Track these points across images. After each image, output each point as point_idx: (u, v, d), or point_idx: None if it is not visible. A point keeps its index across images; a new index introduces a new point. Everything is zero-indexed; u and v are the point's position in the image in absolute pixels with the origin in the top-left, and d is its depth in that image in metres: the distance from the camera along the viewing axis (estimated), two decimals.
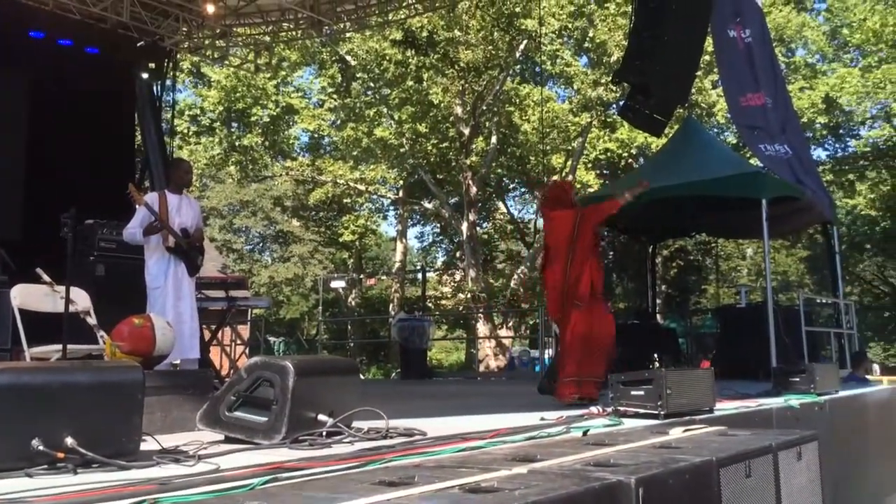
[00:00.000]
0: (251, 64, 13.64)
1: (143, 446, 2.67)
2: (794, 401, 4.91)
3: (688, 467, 2.03)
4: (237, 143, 25.28)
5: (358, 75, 24.27)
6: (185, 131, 25.27)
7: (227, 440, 3.06)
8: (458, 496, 1.70)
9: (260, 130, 25.27)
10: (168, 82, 10.91)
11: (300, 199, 29.26)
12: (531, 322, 25.66)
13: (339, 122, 25.68)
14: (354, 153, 24.73)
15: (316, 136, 27.50)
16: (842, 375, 9.08)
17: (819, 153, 30.48)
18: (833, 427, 5.26)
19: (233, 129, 25.78)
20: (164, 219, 5.67)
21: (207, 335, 8.83)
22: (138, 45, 10.19)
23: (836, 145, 31.72)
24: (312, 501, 1.72)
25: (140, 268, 5.81)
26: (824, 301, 13.13)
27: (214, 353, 11.12)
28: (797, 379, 5.40)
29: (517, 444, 2.80)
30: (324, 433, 3.03)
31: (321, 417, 3.08)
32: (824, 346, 10.26)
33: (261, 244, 32.33)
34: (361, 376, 22.28)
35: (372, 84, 23.98)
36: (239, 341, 13.55)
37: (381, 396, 6.75)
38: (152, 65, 10.41)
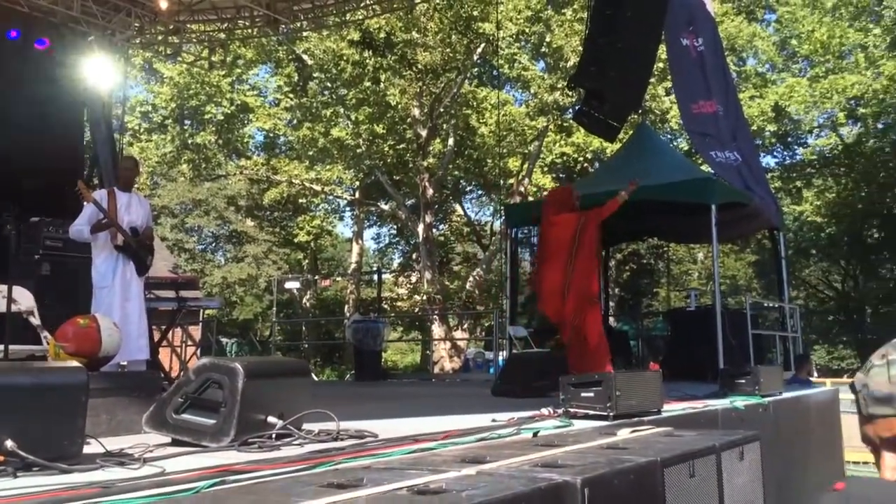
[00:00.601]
0: (205, 61, 13.45)
1: (87, 449, 2.61)
2: (740, 402, 5.02)
3: (633, 467, 2.06)
4: (190, 141, 24.87)
5: (315, 75, 24.11)
6: (137, 128, 24.79)
7: (175, 443, 3.01)
8: (406, 498, 1.70)
9: (214, 128, 24.90)
10: (119, 78, 10.69)
11: (255, 198, 28.93)
12: (486, 324, 25.79)
13: (295, 121, 25.46)
14: (310, 153, 24.54)
15: (271, 135, 27.22)
16: (786, 377, 9.33)
17: (768, 160, 31.26)
18: (776, 427, 5.39)
19: (185, 127, 25.34)
20: (112, 216, 5.56)
21: (157, 336, 8.67)
22: (89, 39, 9.97)
23: (785, 153, 32.57)
24: None
25: (87, 266, 5.69)
26: (771, 305, 13.47)
27: (164, 355, 10.92)
28: (743, 381, 5.52)
29: (468, 445, 2.81)
30: (273, 435, 3.00)
31: (271, 420, 3.05)
32: (770, 348, 10.52)
33: (214, 244, 31.89)
34: (315, 378, 22.13)
35: (329, 84, 23.84)
36: (190, 342, 13.33)
37: (334, 398, 6.71)
38: (103, 60, 10.19)
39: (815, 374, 19.61)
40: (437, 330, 23.79)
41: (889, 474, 1.27)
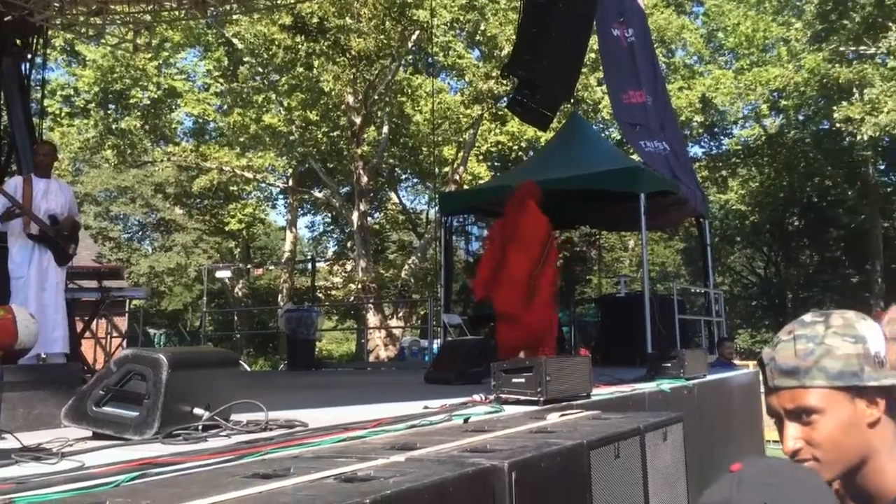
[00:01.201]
0: (129, 44, 13.01)
1: (2, 445, 2.51)
2: (666, 385, 5.16)
3: (560, 450, 2.09)
4: (114, 126, 24.06)
5: (245, 59, 23.62)
6: (58, 112, 23.84)
7: (96, 437, 2.92)
8: (332, 486, 1.69)
9: (139, 113, 24.15)
10: (38, 60, 10.24)
11: (183, 185, 28.18)
12: (422, 312, 25.82)
13: (225, 107, 24.90)
14: (241, 140, 24.06)
15: (200, 120, 26.59)
16: (710, 361, 9.64)
17: (696, 150, 32.17)
18: (700, 409, 5.57)
19: (109, 112, 24.50)
20: (27, 204, 5.34)
21: (80, 327, 8.39)
22: (5, 19, 9.50)
23: (711, 143, 33.58)
24: (181, 497, 1.66)
25: (4, 256, 5.45)
26: (697, 291, 13.87)
27: (88, 347, 10.59)
28: (669, 364, 5.68)
29: (398, 433, 2.80)
30: (199, 427, 2.94)
31: (197, 411, 2.98)
32: (697, 333, 10.85)
33: (140, 233, 31.03)
34: (248, 368, 21.79)
35: (260, 69, 23.40)
36: (116, 334, 12.96)
37: (267, 388, 6.61)
38: (20, 41, 9.73)
39: (737, 356, 20.34)
40: (373, 318, 23.71)
41: (791, 443, 1.33)
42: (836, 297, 32.03)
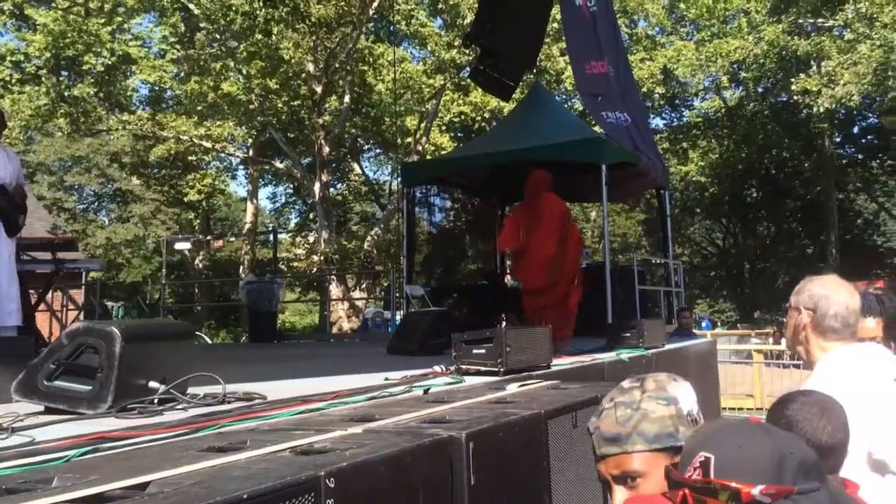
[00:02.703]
0: (81, 7, 12.59)
1: None
2: (625, 355, 5.23)
3: (518, 420, 2.10)
4: (67, 94, 23.35)
5: (202, 25, 23.05)
6: (8, 79, 23.04)
7: (48, 411, 2.85)
8: (288, 458, 1.67)
9: (93, 80, 23.41)
10: None
11: (140, 155, 27.57)
12: (385, 284, 25.79)
13: (182, 74, 24.31)
14: (199, 108, 23.55)
15: (157, 88, 25.90)
16: (670, 330, 9.79)
17: (657, 122, 32.43)
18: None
19: (62, 78, 23.76)
20: None
21: (35, 300, 8.21)
22: None
23: (673, 115, 33.86)
24: (133, 471, 1.63)
25: None
26: (657, 262, 14.05)
27: (44, 320, 10.38)
28: (628, 334, 5.75)
29: (357, 404, 2.79)
30: (155, 401, 2.89)
31: (152, 384, 2.93)
32: (657, 303, 11.00)
33: (96, 203, 30.36)
34: (209, 340, 21.57)
35: (218, 36, 22.87)
36: (72, 307, 12.72)
37: (227, 361, 6.55)
38: None
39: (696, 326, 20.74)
40: (335, 290, 23.60)
41: None
42: (791, 268, 32.78)
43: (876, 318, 2.73)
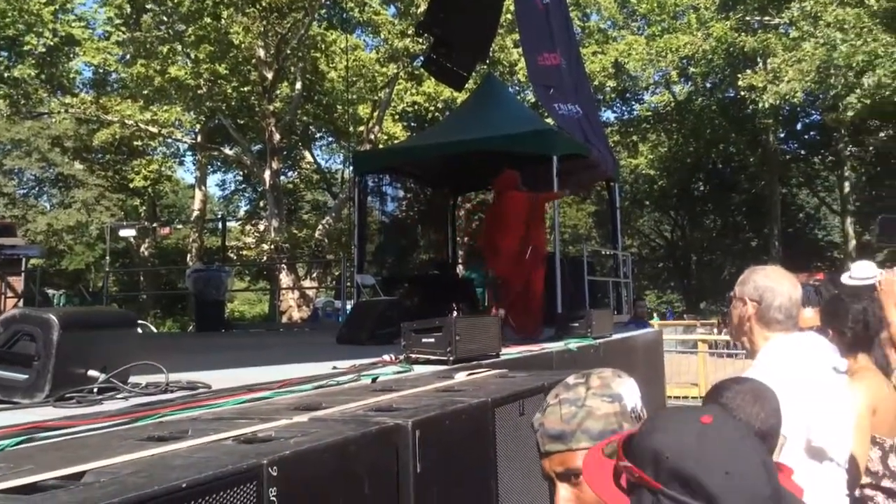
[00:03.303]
0: None
1: None
2: (573, 344, 5.28)
3: (465, 408, 2.10)
4: (6, 75, 22.54)
5: (149, 7, 22.46)
6: None
7: None
8: (230, 447, 1.64)
9: (34, 61, 22.67)
10: None
11: (83, 139, 26.76)
12: (336, 273, 25.62)
13: (127, 57, 23.67)
14: (145, 92, 22.97)
15: (101, 71, 25.18)
16: (623, 321, 9.94)
17: (608, 115, 32.82)
18: (605, 367, 5.72)
19: (1, 59, 22.94)
20: None
21: None
22: None
23: (624, 108, 34.31)
24: (69, 461, 1.58)
25: None
26: (607, 253, 14.24)
27: None
28: (577, 324, 5.82)
29: (304, 393, 2.76)
30: (95, 390, 2.81)
31: (92, 373, 2.85)
32: (607, 294, 11.15)
33: (37, 188, 29.44)
34: (154, 329, 21.13)
35: (165, 18, 22.31)
36: (11, 294, 12.33)
37: (172, 350, 6.44)
38: None
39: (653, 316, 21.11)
40: (286, 279, 23.35)
41: None
42: (736, 260, 33.56)
43: (814, 309, 2.81)
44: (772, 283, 2.15)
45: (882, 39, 18.90)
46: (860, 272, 4.49)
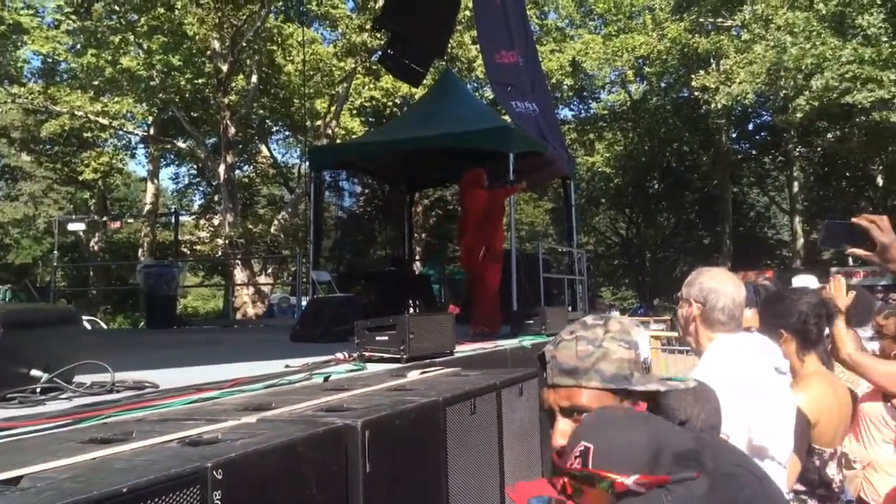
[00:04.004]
0: None
1: None
2: (527, 341, 5.32)
3: (415, 408, 2.09)
4: None
5: None
6: None
7: None
8: (174, 450, 1.61)
9: None
10: None
11: (30, 130, 26.02)
12: (292, 269, 25.39)
13: (78, 46, 23.08)
14: (96, 83, 22.43)
15: (50, 60, 24.50)
16: (578, 318, 10.00)
17: (566, 113, 33.07)
18: None
19: None
20: None
21: None
22: None
23: (581, 106, 34.61)
24: (6, 465, 1.54)
25: None
26: (563, 250, 14.37)
27: None
28: (531, 321, 5.86)
29: (255, 393, 2.72)
30: (37, 390, 2.74)
31: (34, 373, 2.77)
32: (563, 291, 11.25)
33: None
34: (104, 325, 20.67)
35: (117, 7, 21.80)
36: None
37: (121, 347, 6.31)
38: None
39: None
40: (240, 275, 23.04)
41: (559, 439, 1.43)
42: (689, 257, 34.16)
43: (752, 309, 2.86)
44: (716, 284, 2.19)
45: (830, 43, 19.39)
46: (802, 285, 4.61)
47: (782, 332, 2.67)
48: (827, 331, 2.82)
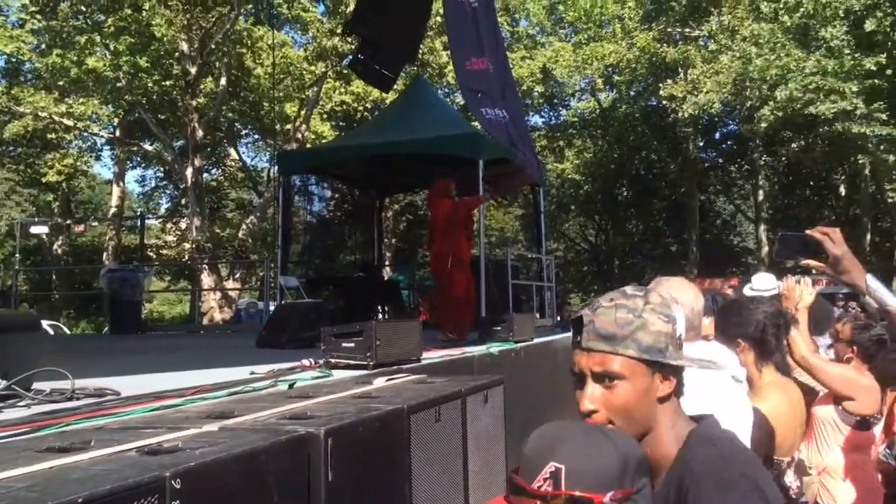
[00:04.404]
0: None
1: None
2: (495, 348, 5.33)
3: (379, 415, 2.08)
4: None
5: None
6: None
7: None
8: (133, 459, 1.59)
9: None
10: None
11: None
12: (260, 274, 25.18)
13: (43, 46, 22.70)
14: (61, 83, 22.08)
15: (14, 60, 24.05)
16: (546, 324, 10.07)
17: (536, 120, 33.27)
18: (527, 370, 5.80)
19: None
20: None
21: None
22: None
23: (551, 114, 34.85)
24: None
25: None
26: (532, 256, 14.45)
27: None
28: (499, 328, 5.87)
29: (217, 400, 2.69)
30: None
31: None
32: (532, 297, 11.30)
33: None
34: (67, 331, 20.31)
35: (83, 7, 21.49)
36: None
37: (82, 353, 6.21)
38: None
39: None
40: (207, 279, 22.80)
41: (588, 403, 1.44)
42: (656, 264, 34.52)
43: (710, 318, 2.90)
44: (675, 294, 2.21)
45: (794, 55, 19.77)
46: (760, 284, 4.68)
47: (739, 342, 2.71)
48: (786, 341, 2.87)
